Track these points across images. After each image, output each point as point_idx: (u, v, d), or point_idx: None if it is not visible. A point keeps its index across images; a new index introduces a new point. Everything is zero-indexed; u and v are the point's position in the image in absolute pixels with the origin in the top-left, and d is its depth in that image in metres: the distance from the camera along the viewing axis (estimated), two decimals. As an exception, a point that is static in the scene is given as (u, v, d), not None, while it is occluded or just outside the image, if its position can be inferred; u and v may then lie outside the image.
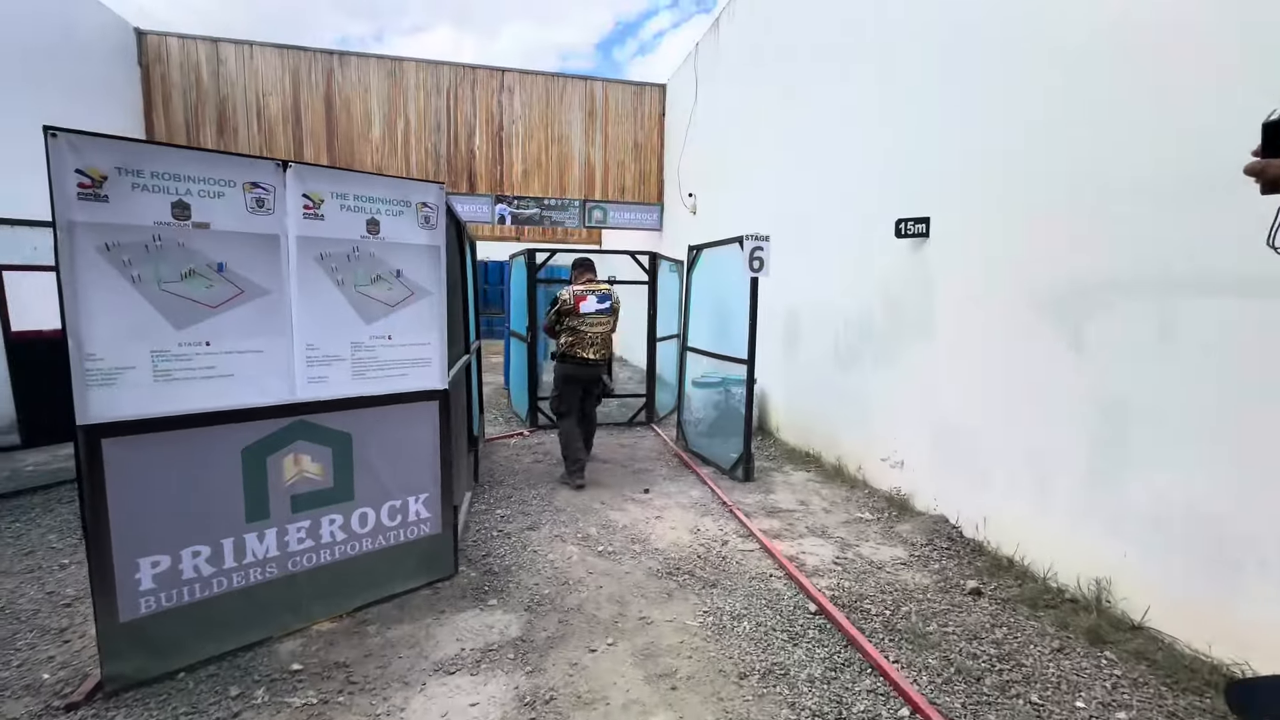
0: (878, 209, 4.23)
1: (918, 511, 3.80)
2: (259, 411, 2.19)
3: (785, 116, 5.69)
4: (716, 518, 3.72)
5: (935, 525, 3.52)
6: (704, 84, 7.85)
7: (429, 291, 2.61)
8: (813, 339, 5.17)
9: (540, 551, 3.18)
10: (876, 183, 4.28)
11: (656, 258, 6.15)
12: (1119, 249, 2.59)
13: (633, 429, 6.17)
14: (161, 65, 8.00)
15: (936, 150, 3.71)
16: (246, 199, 2.11)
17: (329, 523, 2.42)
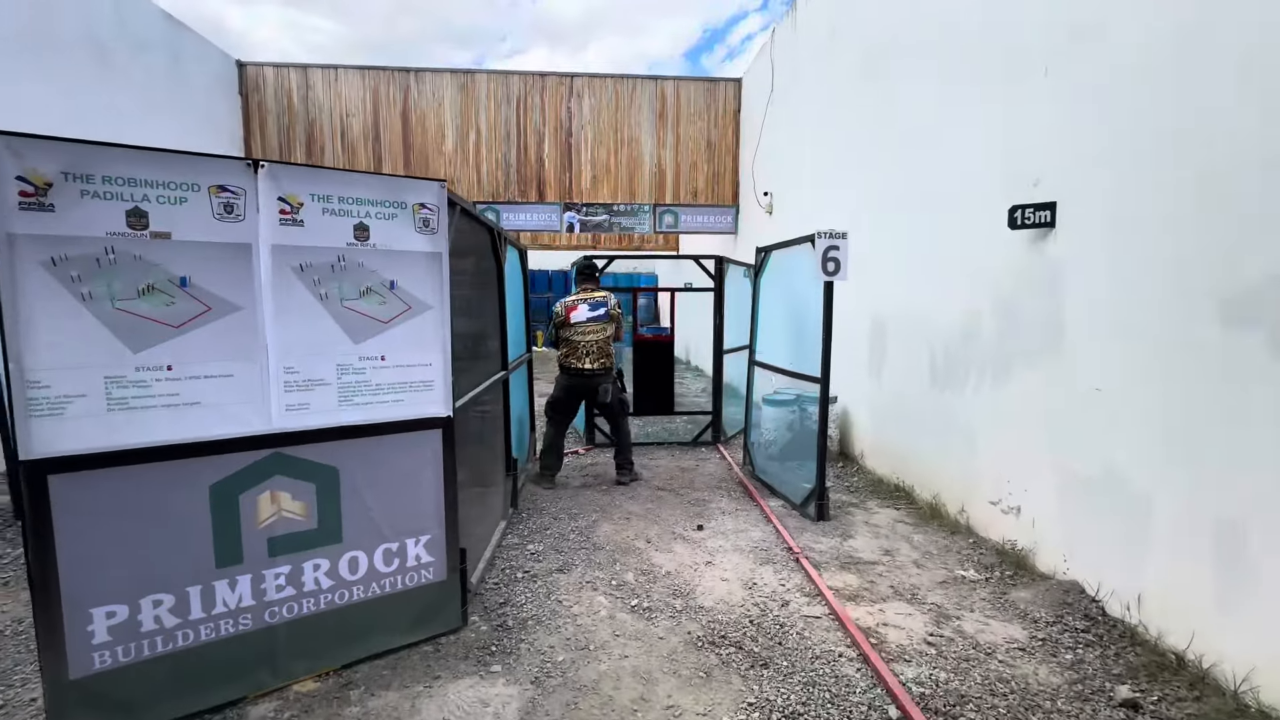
0: (984, 197, 3.47)
1: (1040, 574, 3.01)
2: (229, 444, 1.94)
3: (870, 99, 4.98)
4: (779, 568, 3.13)
5: (1066, 596, 2.74)
6: (780, 73, 7.22)
7: (429, 305, 2.28)
8: (904, 352, 4.42)
9: (565, 602, 2.76)
10: (981, 166, 3.52)
11: (723, 262, 5.62)
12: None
13: (696, 449, 5.66)
14: (259, 94, 8.54)
15: (1068, 121, 2.93)
16: (213, 204, 1.86)
17: (313, 568, 2.14)
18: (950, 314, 3.80)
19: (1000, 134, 3.39)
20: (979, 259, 3.52)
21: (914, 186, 4.29)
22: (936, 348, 3.97)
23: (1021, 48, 3.23)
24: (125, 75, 6.25)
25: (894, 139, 4.58)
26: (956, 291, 3.74)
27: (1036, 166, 3.11)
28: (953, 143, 3.83)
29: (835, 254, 3.53)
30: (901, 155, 4.47)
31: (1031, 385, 3.13)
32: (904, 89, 4.45)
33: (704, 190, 9.24)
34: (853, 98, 5.31)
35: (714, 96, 9.16)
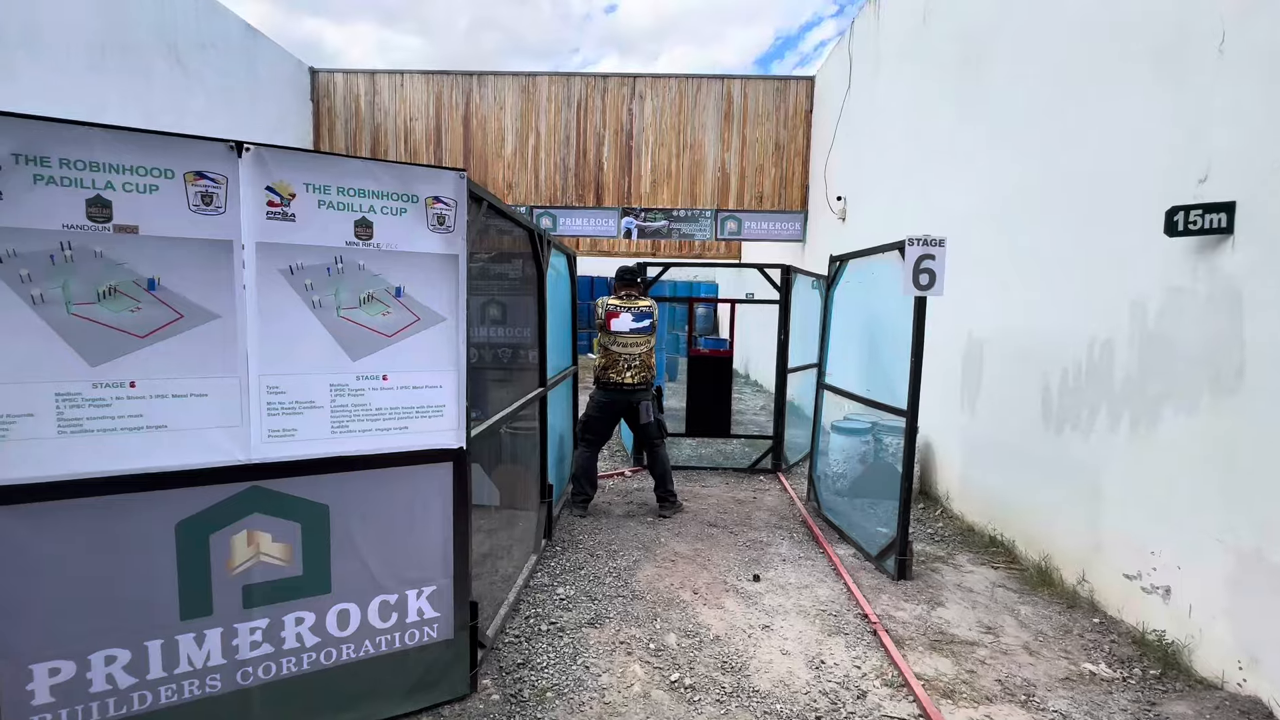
0: (1126, 199, 2.81)
1: (1200, 680, 2.34)
2: (201, 475, 1.65)
3: (972, 88, 4.34)
4: (852, 641, 2.60)
5: (1247, 717, 2.07)
6: (860, 67, 6.61)
7: (441, 316, 1.94)
8: (1006, 381, 3.76)
9: (593, 668, 2.34)
10: (1123, 160, 2.86)
11: (790, 271, 5.09)
12: None
13: (754, 477, 5.13)
14: (329, 99, 8.72)
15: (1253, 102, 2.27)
16: (189, 193, 1.58)
17: (295, 622, 1.82)
18: (1073, 339, 3.13)
19: (1155, 120, 2.73)
20: (1116, 275, 2.86)
21: (1027, 188, 3.64)
22: (1052, 379, 3.30)
23: (1185, 11, 2.58)
24: (199, 79, 6.42)
25: (1001, 133, 3.93)
26: (1082, 313, 3.08)
27: (1203, 159, 2.46)
28: (1083, 134, 3.18)
29: (930, 265, 2.97)
30: (1009, 152, 3.83)
31: (1191, 433, 2.46)
32: (1018, 74, 3.81)
33: (770, 195, 8.69)
34: (950, 89, 4.68)
35: (784, 96, 8.61)
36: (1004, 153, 3.88)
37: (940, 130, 4.77)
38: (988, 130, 4.08)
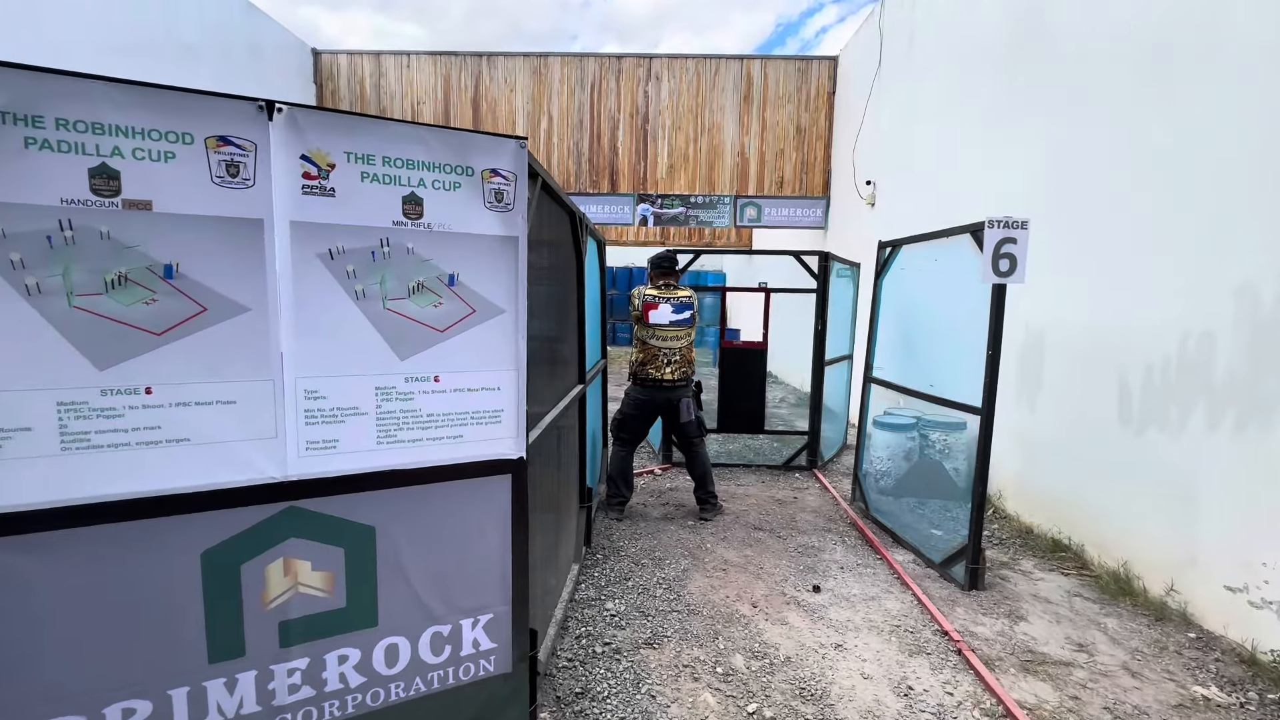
0: (1230, 172, 2.55)
1: (1332, 706, 2.11)
2: (229, 495, 1.41)
3: (1024, 60, 4.06)
4: (936, 661, 2.37)
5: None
6: (892, 44, 6.31)
7: (499, 308, 1.69)
8: (1072, 374, 3.51)
9: (659, 698, 2.12)
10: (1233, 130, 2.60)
11: (829, 259, 4.83)
12: None
13: (790, 475, 4.90)
14: (333, 82, 8.40)
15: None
16: (211, 162, 1.32)
17: (338, 660, 1.58)
18: (1160, 331, 2.88)
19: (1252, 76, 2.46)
20: (1214, 259, 2.61)
21: (1102, 165, 3.37)
22: (1132, 375, 3.06)
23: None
24: (199, 58, 6.12)
25: (1067, 107, 3.66)
26: (1171, 302, 2.83)
27: (1336, 126, 2.19)
28: (1182, 104, 2.91)
29: (1011, 249, 2.71)
30: (1078, 128, 3.55)
31: (1318, 435, 2.22)
32: (1092, 40, 3.53)
33: (791, 180, 8.41)
34: (1001, 60, 4.39)
35: (806, 78, 8.30)
36: (1071, 129, 3.60)
37: (989, 106, 4.49)
38: (1050, 105, 3.81)
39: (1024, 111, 4.09)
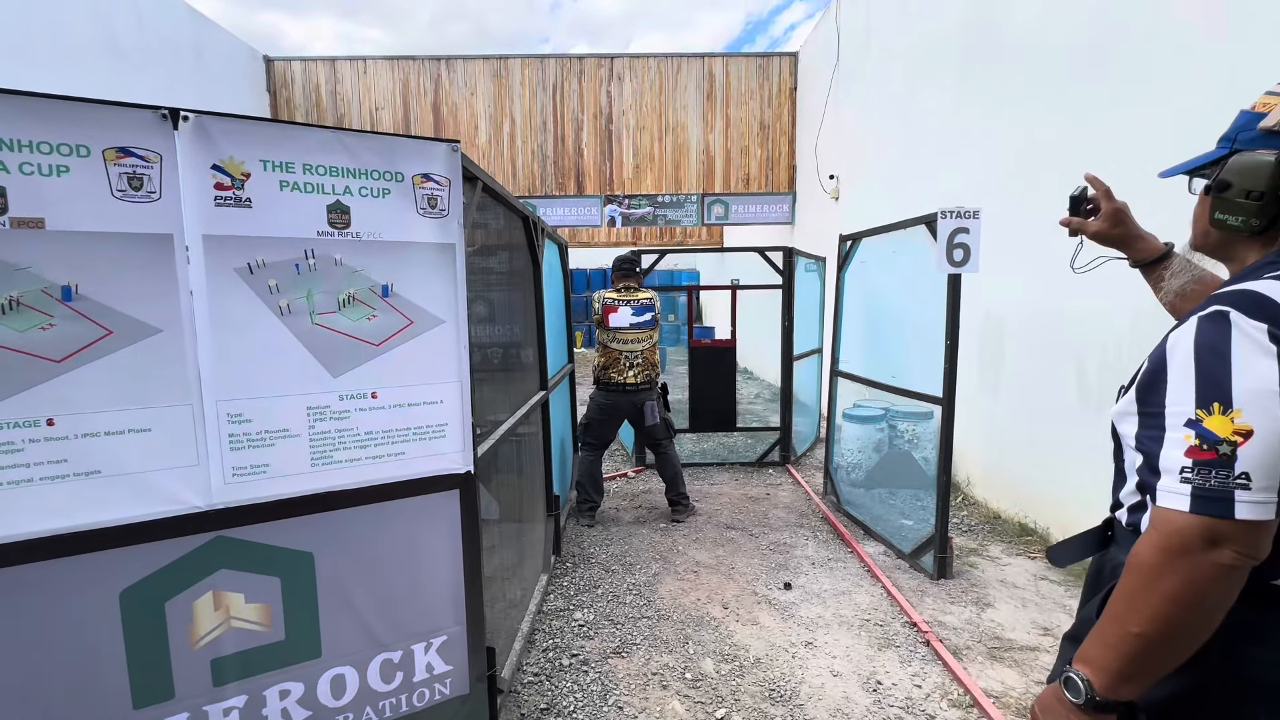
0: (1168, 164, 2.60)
1: None
2: (149, 528, 1.33)
3: (978, 51, 4.12)
4: (905, 654, 2.37)
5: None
6: (849, 39, 6.36)
7: (439, 318, 1.62)
8: (1033, 360, 3.56)
9: (627, 709, 2.07)
10: (1169, 128, 2.65)
11: (793, 254, 4.84)
12: None
13: (763, 471, 4.90)
14: (287, 90, 8.18)
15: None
16: (111, 175, 1.24)
17: (279, 696, 1.51)
18: (1111, 311, 2.94)
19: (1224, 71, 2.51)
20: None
21: (1051, 154, 3.42)
22: (1088, 357, 3.11)
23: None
24: (134, 66, 5.88)
25: (1016, 99, 3.71)
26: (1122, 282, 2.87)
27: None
28: (1128, 90, 2.96)
29: (964, 239, 2.73)
30: (1029, 118, 3.61)
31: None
32: (1043, 27, 3.58)
33: (756, 177, 8.44)
34: (956, 52, 4.45)
35: (767, 74, 8.34)
36: (1026, 123, 3.66)
37: (947, 100, 4.55)
38: (1005, 99, 3.86)
39: (981, 105, 4.14)
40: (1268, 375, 0.69)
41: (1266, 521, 0.69)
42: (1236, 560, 0.69)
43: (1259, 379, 0.69)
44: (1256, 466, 0.68)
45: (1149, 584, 0.72)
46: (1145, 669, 0.75)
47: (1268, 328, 0.70)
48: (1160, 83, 2.72)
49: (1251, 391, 0.69)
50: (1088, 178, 1.17)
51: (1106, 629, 0.77)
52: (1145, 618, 0.72)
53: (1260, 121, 0.82)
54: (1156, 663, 0.74)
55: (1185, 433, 0.72)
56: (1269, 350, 0.69)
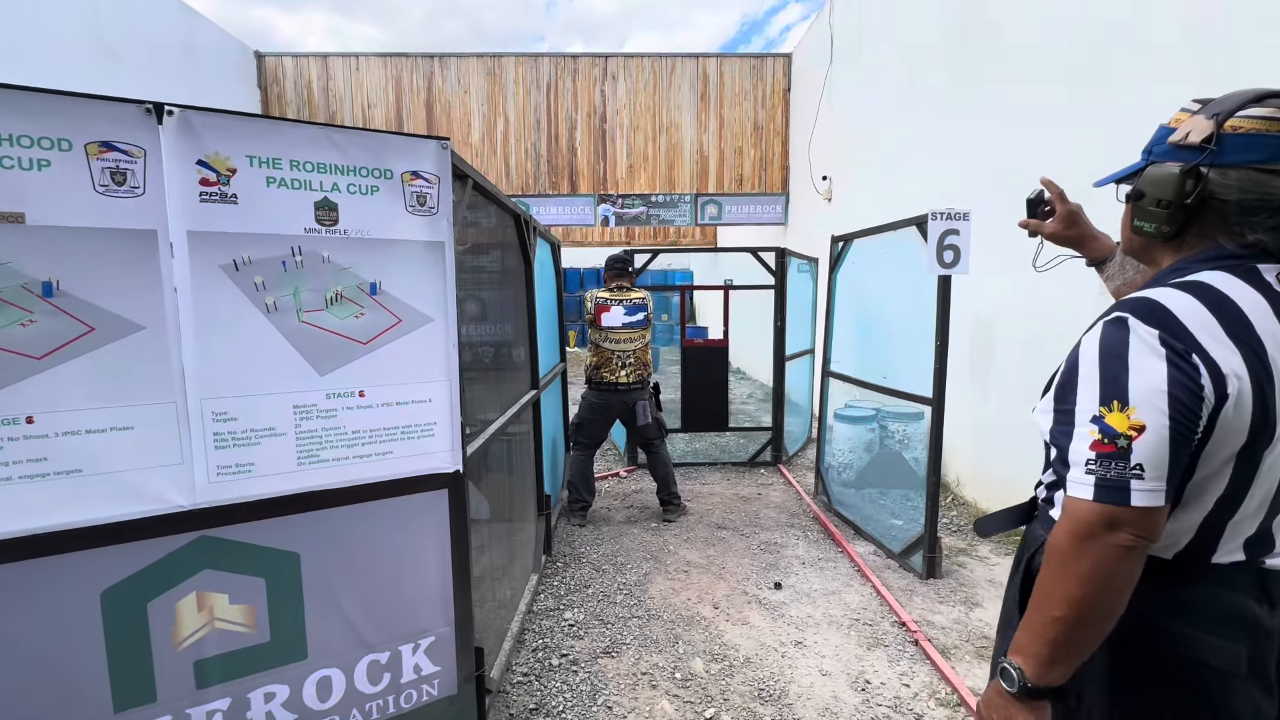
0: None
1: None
2: (131, 528, 1.31)
3: (964, 56, 4.14)
4: (894, 653, 2.38)
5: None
6: (842, 40, 6.38)
7: (427, 317, 1.61)
8: (1024, 360, 3.59)
9: (616, 709, 2.07)
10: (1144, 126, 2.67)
11: (785, 254, 4.85)
12: None
13: (754, 470, 4.91)
14: (278, 86, 8.11)
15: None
16: (93, 169, 1.22)
17: (264, 699, 1.49)
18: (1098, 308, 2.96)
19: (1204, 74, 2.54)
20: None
21: (1039, 156, 3.45)
22: (1076, 358, 3.13)
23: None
24: (122, 61, 5.81)
25: (1006, 100, 3.74)
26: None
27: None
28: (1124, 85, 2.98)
29: (954, 240, 2.74)
30: (1022, 119, 3.63)
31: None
32: (1038, 24, 3.60)
33: (750, 178, 8.45)
34: (946, 55, 4.47)
35: (761, 75, 8.35)
36: (1016, 124, 3.68)
37: (938, 101, 4.57)
38: (993, 97, 3.88)
39: (972, 107, 4.16)
40: (1158, 376, 0.75)
41: (1158, 507, 0.75)
42: (1134, 542, 0.76)
43: (1151, 379, 0.75)
44: (1148, 458, 0.75)
45: (1063, 568, 0.79)
46: (1068, 651, 0.80)
47: (1159, 333, 0.77)
48: (1149, 86, 2.74)
49: (1144, 390, 0.75)
50: (1043, 181, 1.22)
51: (1032, 617, 0.82)
52: (1062, 600, 0.78)
53: (1170, 136, 0.89)
54: (1077, 643, 0.79)
55: (1090, 428, 0.79)
56: (1160, 353, 0.76)
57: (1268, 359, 0.77)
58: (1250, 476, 0.79)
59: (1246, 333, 0.77)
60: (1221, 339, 0.76)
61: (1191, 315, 0.78)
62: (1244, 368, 0.76)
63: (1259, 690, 0.80)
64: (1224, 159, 0.82)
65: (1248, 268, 0.82)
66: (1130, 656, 0.83)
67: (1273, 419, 0.77)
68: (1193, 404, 0.75)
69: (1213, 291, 0.80)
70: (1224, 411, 0.76)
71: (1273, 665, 0.81)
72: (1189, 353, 0.75)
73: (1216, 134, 0.82)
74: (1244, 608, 0.80)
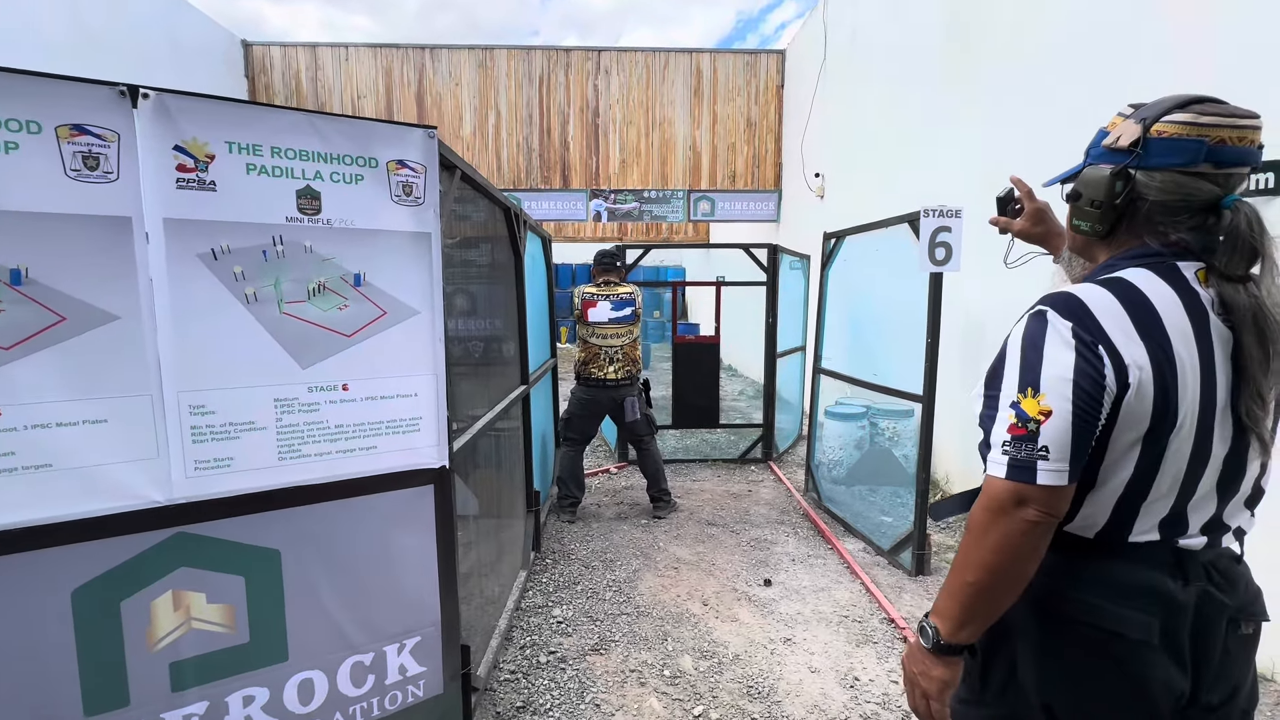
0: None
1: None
2: (104, 524, 1.27)
3: (957, 54, 4.14)
4: (883, 651, 2.38)
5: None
6: (836, 37, 6.37)
7: (413, 309, 1.58)
8: (1011, 360, 3.59)
9: (604, 706, 2.05)
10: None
11: (777, 251, 4.84)
12: None
13: (745, 468, 4.91)
14: (266, 75, 7.99)
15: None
16: (65, 154, 1.18)
17: (243, 702, 1.46)
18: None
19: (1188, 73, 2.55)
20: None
21: (1027, 154, 3.45)
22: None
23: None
24: (104, 48, 5.68)
25: (996, 98, 3.74)
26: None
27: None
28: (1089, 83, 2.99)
29: (947, 238, 2.74)
30: (1014, 116, 3.63)
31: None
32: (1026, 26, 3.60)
33: (743, 174, 8.44)
34: (938, 52, 4.47)
35: (754, 71, 8.33)
36: (1005, 122, 3.68)
37: (930, 98, 4.57)
38: (986, 94, 3.89)
39: (964, 104, 4.16)
40: (1066, 365, 0.81)
41: (1062, 487, 0.81)
42: (1040, 518, 0.82)
43: (1059, 368, 0.82)
44: (1053, 441, 0.81)
45: (977, 539, 0.85)
46: (977, 614, 0.87)
47: (1072, 326, 0.83)
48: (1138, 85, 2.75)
49: (1053, 378, 0.82)
50: (1013, 179, 1.27)
51: (950, 581, 0.90)
52: (975, 566, 0.85)
53: (1104, 139, 0.94)
54: (986, 607, 0.87)
55: (1009, 413, 0.84)
56: (1070, 344, 0.82)
57: (1172, 351, 0.82)
58: (1156, 460, 0.84)
59: (1154, 327, 0.82)
60: (1129, 332, 0.82)
61: (1104, 310, 0.83)
62: (1147, 359, 0.81)
63: (1172, 663, 0.85)
64: (1149, 162, 0.87)
65: (1168, 265, 0.87)
66: (1057, 627, 0.89)
67: (1174, 407, 0.82)
68: (1095, 392, 0.80)
69: (1129, 288, 0.85)
70: (1126, 400, 0.81)
71: (1186, 639, 0.85)
72: (1096, 344, 0.81)
73: (1143, 138, 0.87)
74: (1157, 583, 0.86)
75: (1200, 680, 0.86)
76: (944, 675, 0.90)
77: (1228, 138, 0.83)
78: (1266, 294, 0.83)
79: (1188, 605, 0.85)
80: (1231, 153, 0.84)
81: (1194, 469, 0.85)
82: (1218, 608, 0.85)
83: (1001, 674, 0.93)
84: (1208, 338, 0.83)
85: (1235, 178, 0.86)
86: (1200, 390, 0.83)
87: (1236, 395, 0.84)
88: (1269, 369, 0.82)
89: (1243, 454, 0.87)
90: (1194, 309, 0.84)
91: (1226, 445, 0.85)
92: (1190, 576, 0.86)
